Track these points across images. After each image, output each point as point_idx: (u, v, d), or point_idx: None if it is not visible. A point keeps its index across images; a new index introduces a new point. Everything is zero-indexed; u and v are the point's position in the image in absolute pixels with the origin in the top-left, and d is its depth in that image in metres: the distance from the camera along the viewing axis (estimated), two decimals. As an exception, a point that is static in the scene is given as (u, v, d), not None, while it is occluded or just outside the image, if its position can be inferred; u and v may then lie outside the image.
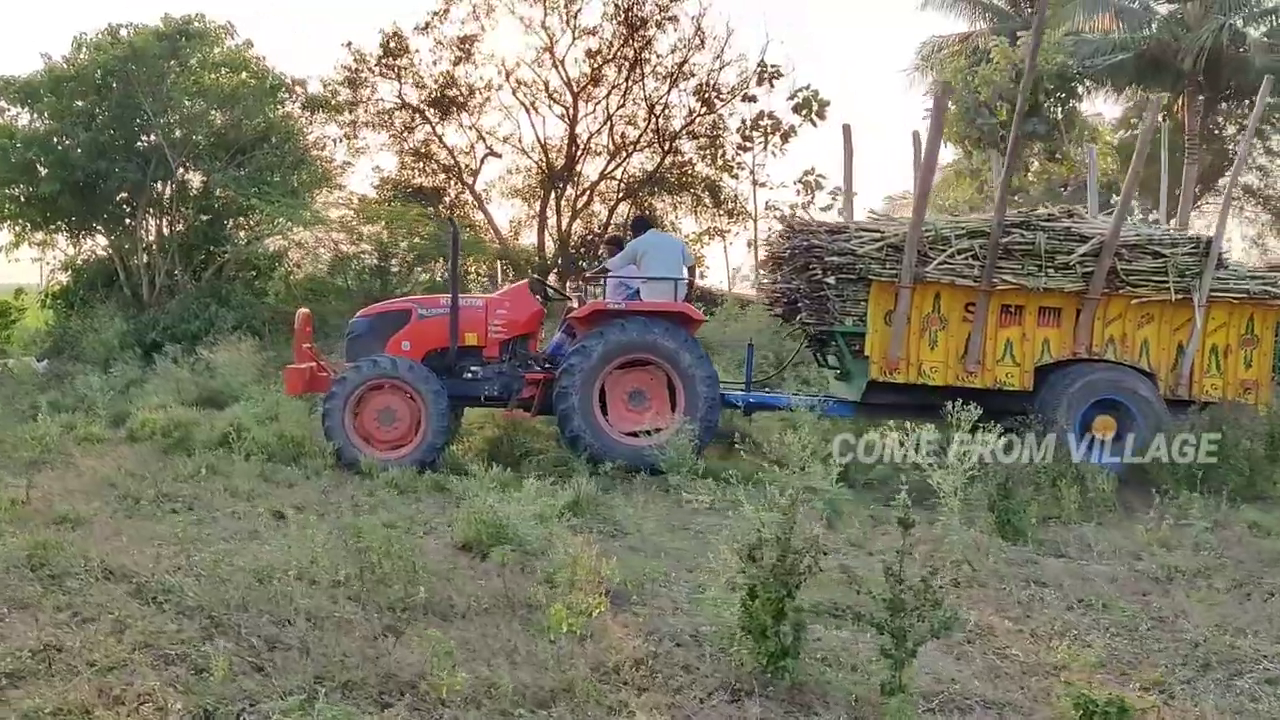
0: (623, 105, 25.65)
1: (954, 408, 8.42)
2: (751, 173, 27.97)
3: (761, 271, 12.36)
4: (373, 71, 25.16)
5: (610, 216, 26.04)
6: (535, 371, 10.93)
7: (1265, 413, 10.15)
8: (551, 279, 23.80)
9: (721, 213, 28.00)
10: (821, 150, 74.65)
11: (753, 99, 26.96)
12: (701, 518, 8.41)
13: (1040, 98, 27.86)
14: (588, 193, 26.40)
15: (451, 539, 7.36)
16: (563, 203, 25.92)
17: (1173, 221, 13.57)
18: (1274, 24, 25.53)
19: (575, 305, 11.71)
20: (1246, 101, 27.66)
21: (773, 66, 26.81)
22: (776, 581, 4.76)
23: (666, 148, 26.12)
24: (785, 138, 27.43)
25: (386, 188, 25.59)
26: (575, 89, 25.53)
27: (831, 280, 10.18)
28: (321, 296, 18.23)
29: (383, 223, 19.80)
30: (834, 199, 27.62)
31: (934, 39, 34.01)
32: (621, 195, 26.18)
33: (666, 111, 25.95)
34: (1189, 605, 6.39)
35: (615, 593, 6.07)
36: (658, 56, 25.50)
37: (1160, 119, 14.91)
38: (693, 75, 25.82)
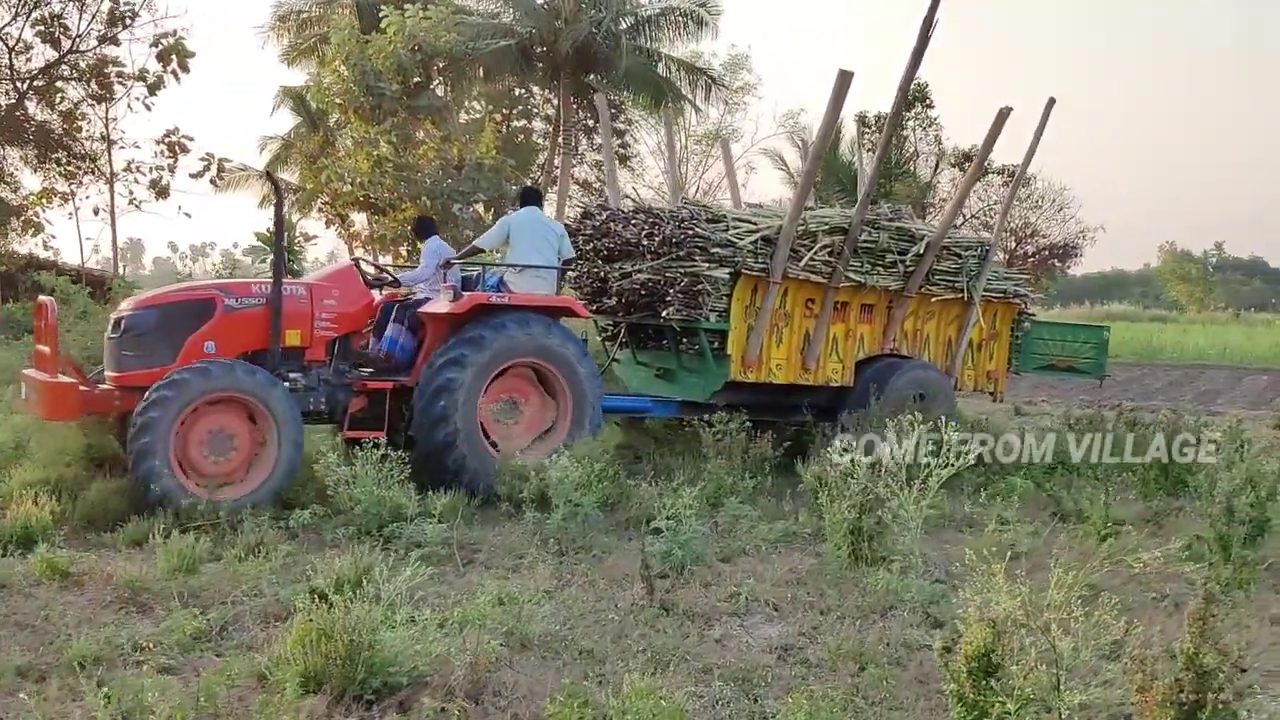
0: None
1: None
2: (105, 127, 23.49)
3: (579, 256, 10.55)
4: None
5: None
6: (368, 378, 8.10)
7: None
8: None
9: (60, 172, 23.13)
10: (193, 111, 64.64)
11: (114, 41, 22.67)
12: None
13: (432, 74, 27.33)
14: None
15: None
16: None
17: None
18: (634, 21, 27.76)
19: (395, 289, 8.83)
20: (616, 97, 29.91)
21: (127, 4, 22.77)
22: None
23: (24, 89, 20.80)
24: (153, 89, 23.40)
25: None
26: None
27: (725, 275, 8.95)
28: None
29: None
30: (205, 165, 24.37)
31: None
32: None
33: (18, 49, 20.69)
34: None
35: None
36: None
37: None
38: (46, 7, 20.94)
